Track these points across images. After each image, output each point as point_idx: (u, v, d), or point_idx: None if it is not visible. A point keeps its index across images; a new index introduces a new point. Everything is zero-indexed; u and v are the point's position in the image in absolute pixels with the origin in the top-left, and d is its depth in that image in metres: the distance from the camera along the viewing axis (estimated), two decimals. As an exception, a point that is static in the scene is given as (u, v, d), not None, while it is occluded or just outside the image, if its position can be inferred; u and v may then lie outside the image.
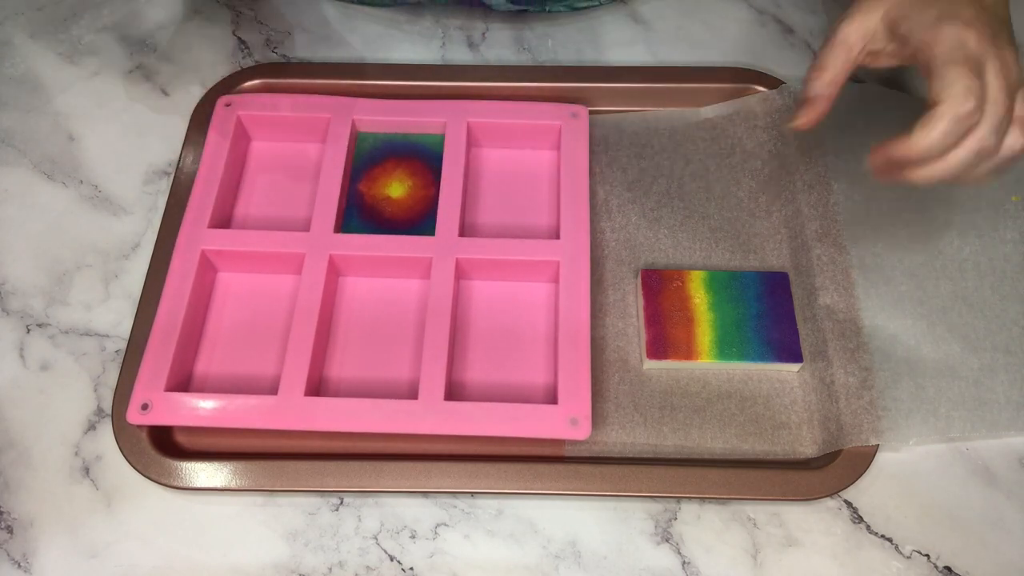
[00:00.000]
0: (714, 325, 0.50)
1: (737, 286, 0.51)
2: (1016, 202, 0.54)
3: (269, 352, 0.51)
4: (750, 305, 0.51)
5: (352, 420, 0.47)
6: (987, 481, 0.48)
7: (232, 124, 0.56)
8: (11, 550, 0.46)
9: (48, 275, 0.55)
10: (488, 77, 0.61)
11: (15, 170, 0.59)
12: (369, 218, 0.55)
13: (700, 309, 0.50)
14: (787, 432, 0.48)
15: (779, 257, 0.54)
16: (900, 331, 0.51)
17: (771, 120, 0.58)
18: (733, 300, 0.51)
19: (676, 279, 0.51)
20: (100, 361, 0.52)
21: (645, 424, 0.48)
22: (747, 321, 0.50)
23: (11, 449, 0.49)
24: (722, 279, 0.51)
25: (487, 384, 0.50)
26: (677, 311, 0.50)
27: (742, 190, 0.56)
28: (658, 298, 0.50)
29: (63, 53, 0.64)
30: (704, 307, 0.50)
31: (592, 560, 0.46)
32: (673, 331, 0.50)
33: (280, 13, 0.66)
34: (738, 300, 0.51)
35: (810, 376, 0.50)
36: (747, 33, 0.65)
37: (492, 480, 0.47)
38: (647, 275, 0.51)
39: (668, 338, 0.49)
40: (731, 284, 0.51)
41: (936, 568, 0.46)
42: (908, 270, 0.53)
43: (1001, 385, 0.49)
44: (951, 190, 0.55)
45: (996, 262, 0.53)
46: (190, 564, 0.46)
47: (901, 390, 0.49)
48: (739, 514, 0.47)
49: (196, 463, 0.47)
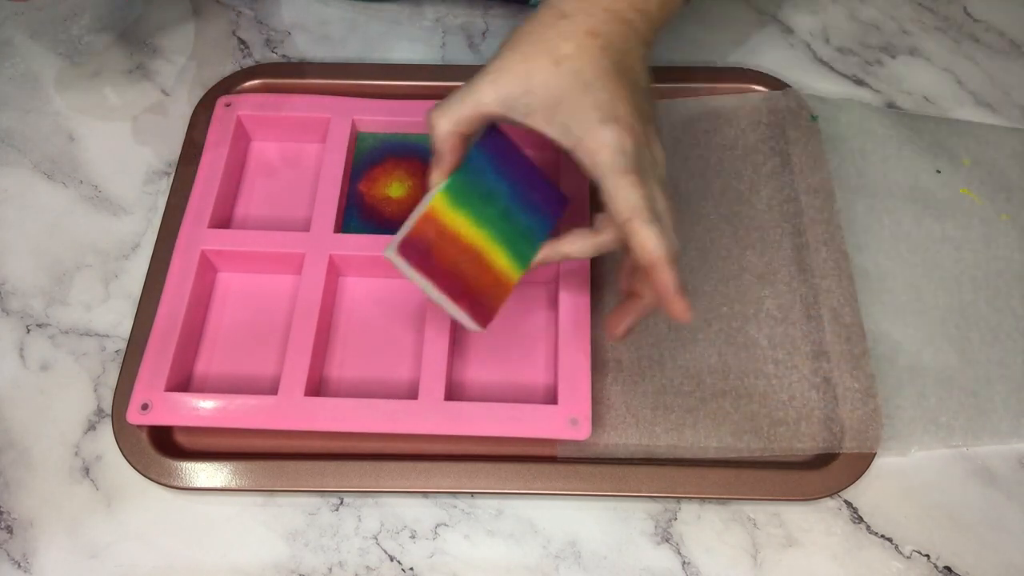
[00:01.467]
0: (494, 239, 0.43)
1: (475, 179, 0.44)
2: (1005, 220, 0.56)
3: (269, 352, 0.51)
4: (499, 186, 0.44)
5: (352, 420, 0.47)
6: (987, 481, 0.48)
7: (232, 124, 0.56)
8: (11, 550, 0.46)
9: (48, 275, 0.55)
10: (488, 77, 0.61)
11: (15, 170, 0.59)
12: (369, 218, 0.55)
13: (472, 236, 0.43)
14: (785, 428, 0.48)
15: (779, 251, 0.54)
16: (902, 339, 0.51)
17: (775, 119, 0.58)
18: (484, 196, 0.44)
19: (432, 226, 0.42)
20: (100, 361, 0.52)
21: (637, 425, 0.48)
22: (510, 208, 0.44)
23: (11, 449, 0.49)
24: (459, 184, 0.43)
25: (487, 384, 0.50)
26: (462, 258, 0.43)
27: (743, 183, 0.56)
28: (434, 262, 0.42)
29: (63, 53, 0.64)
30: (473, 230, 0.43)
31: (592, 560, 0.46)
32: (478, 284, 0.43)
33: (280, 13, 0.66)
34: (488, 194, 0.44)
35: (810, 373, 0.50)
36: (747, 33, 0.65)
37: (492, 480, 0.47)
38: (406, 247, 0.42)
39: (482, 295, 0.43)
40: (470, 182, 0.44)
41: (936, 568, 0.46)
42: (908, 281, 0.53)
43: (999, 395, 0.50)
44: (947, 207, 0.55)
45: (990, 277, 0.54)
46: (190, 564, 0.46)
47: (904, 398, 0.49)
48: (739, 514, 0.47)
49: (196, 463, 0.47)
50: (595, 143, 0.39)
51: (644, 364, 0.50)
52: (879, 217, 0.55)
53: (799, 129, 0.58)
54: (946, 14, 0.67)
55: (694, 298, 0.52)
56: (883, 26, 0.66)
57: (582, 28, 0.41)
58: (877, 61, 0.64)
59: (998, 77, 0.63)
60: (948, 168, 0.58)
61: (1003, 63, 0.64)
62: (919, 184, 0.57)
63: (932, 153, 0.58)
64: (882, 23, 0.66)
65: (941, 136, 0.59)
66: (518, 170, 0.46)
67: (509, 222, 0.44)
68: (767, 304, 0.52)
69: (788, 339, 0.51)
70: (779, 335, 0.51)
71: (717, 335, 0.51)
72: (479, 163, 0.44)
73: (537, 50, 0.41)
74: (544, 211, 0.46)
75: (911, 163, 0.58)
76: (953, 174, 0.57)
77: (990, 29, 0.66)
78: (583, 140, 0.39)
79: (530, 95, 0.40)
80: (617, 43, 0.41)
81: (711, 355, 0.50)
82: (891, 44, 0.65)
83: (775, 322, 0.51)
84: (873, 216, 0.55)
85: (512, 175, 0.45)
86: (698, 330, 0.51)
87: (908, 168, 0.57)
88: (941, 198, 0.56)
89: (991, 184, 0.57)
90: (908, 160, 0.58)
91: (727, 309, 0.52)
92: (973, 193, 0.56)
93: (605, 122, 0.39)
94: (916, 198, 0.56)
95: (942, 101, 0.62)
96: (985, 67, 0.64)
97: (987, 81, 0.63)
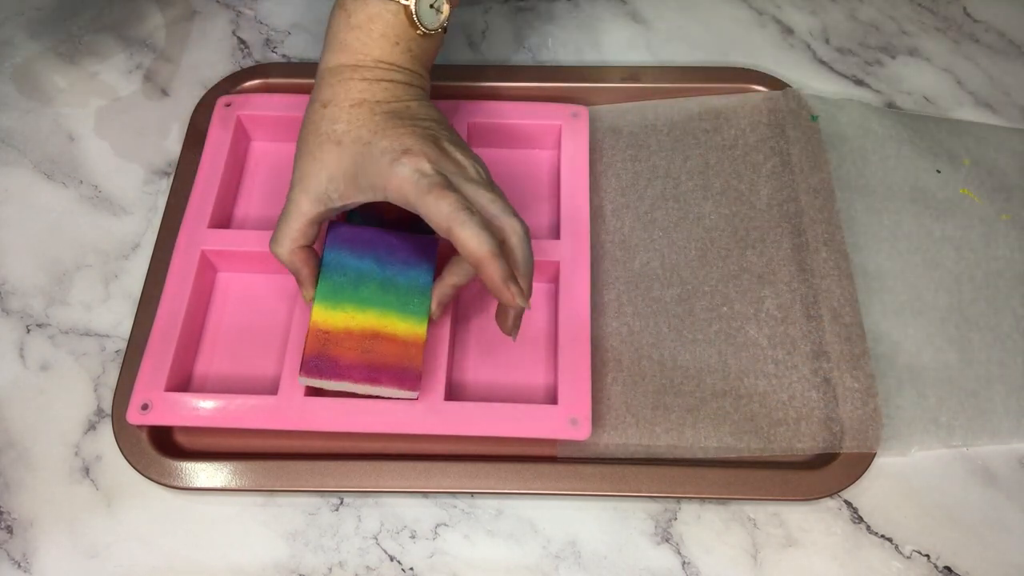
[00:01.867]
0: (384, 312, 0.46)
1: (338, 274, 0.47)
2: (1005, 220, 0.55)
3: (269, 352, 0.51)
4: (364, 265, 0.47)
5: (352, 420, 0.46)
6: (987, 481, 0.48)
7: (232, 124, 0.56)
8: (11, 550, 0.46)
9: (48, 275, 0.55)
10: (488, 77, 0.61)
11: (15, 170, 0.59)
12: (369, 218, 0.55)
13: (362, 321, 0.46)
14: (785, 428, 0.48)
15: (779, 251, 0.54)
16: (902, 339, 0.51)
17: (775, 118, 0.58)
18: (354, 283, 0.47)
19: (321, 336, 0.45)
20: (100, 361, 0.52)
21: (637, 425, 0.48)
22: (384, 278, 0.47)
23: (11, 449, 0.49)
24: (327, 287, 0.47)
25: (487, 384, 0.50)
26: (364, 346, 0.45)
27: (743, 183, 0.56)
28: (341, 364, 0.45)
29: (63, 53, 0.64)
30: (360, 316, 0.46)
31: (592, 560, 0.46)
32: (389, 359, 0.45)
33: (280, 13, 0.66)
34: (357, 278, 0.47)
35: (811, 373, 0.50)
36: (747, 33, 0.65)
37: (492, 480, 0.47)
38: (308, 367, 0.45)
39: (399, 366, 0.45)
40: (335, 279, 0.47)
41: (936, 568, 0.46)
42: (908, 281, 0.53)
43: (999, 395, 0.50)
44: (947, 207, 0.56)
45: (990, 277, 0.54)
46: (190, 564, 0.46)
47: (904, 398, 0.49)
48: (739, 514, 0.47)
49: (196, 463, 0.47)
50: (395, 181, 0.42)
51: (644, 364, 0.50)
52: (879, 217, 0.55)
53: (799, 129, 0.58)
54: (946, 14, 0.67)
55: (694, 298, 0.52)
56: (883, 26, 0.66)
57: (345, 105, 0.45)
58: (877, 61, 0.64)
59: (998, 77, 0.63)
60: (948, 168, 0.58)
61: (1003, 63, 0.64)
62: (919, 184, 0.57)
63: (932, 153, 0.58)
64: (882, 23, 0.66)
65: (941, 136, 0.59)
66: (375, 242, 0.48)
67: (390, 290, 0.47)
68: (767, 304, 0.52)
69: (788, 339, 0.51)
70: (779, 335, 0.51)
71: (717, 335, 0.51)
72: (335, 258, 0.48)
73: (320, 142, 0.45)
74: (418, 261, 0.48)
75: (911, 163, 0.58)
76: (953, 174, 0.57)
77: (990, 29, 0.66)
78: (387, 186, 0.42)
79: (334, 180, 0.45)
80: (383, 98, 0.45)
81: (711, 355, 0.50)
82: (891, 44, 0.65)
83: (775, 322, 0.51)
84: (873, 216, 0.55)
85: (371, 250, 0.48)
86: (698, 330, 0.51)
87: (908, 168, 0.57)
88: (941, 198, 0.56)
89: (991, 184, 0.57)
90: (908, 160, 0.58)
91: (727, 309, 0.52)
92: (973, 193, 0.57)
93: (394, 161, 0.42)
94: (916, 198, 0.56)
95: (942, 101, 0.62)
96: (985, 67, 0.64)
97: (987, 81, 0.63)
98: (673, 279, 0.53)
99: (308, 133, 0.46)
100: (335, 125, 0.45)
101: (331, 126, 0.45)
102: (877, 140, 0.58)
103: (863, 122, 0.59)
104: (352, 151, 0.44)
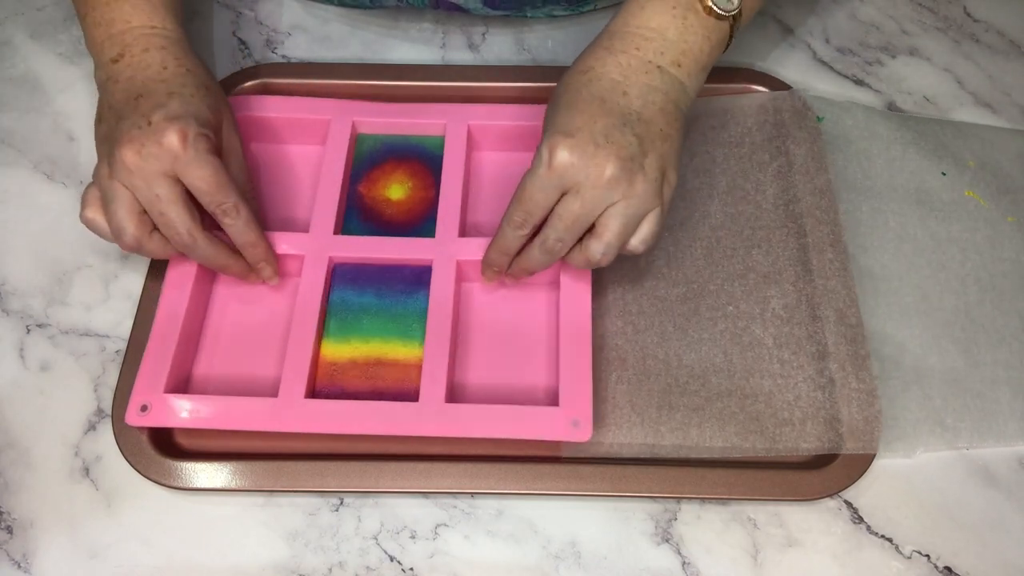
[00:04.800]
0: (385, 340, 0.50)
1: (343, 311, 0.51)
2: (1011, 222, 0.55)
3: (269, 354, 0.51)
4: (364, 300, 0.51)
5: (353, 422, 0.46)
6: (987, 481, 0.48)
7: (232, 124, 0.56)
8: (11, 550, 0.46)
9: (48, 275, 0.55)
10: (488, 78, 0.61)
11: (15, 170, 0.59)
12: (369, 220, 0.55)
13: (365, 351, 0.50)
14: (790, 429, 0.48)
15: (785, 251, 0.54)
16: (908, 341, 0.51)
17: (781, 118, 0.58)
18: (357, 316, 0.51)
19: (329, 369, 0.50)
20: (100, 361, 0.52)
21: (643, 424, 0.48)
22: (382, 309, 0.51)
23: (11, 449, 0.49)
24: (334, 324, 0.51)
25: (488, 386, 0.50)
26: (368, 373, 0.49)
27: (749, 182, 0.56)
28: (349, 391, 0.49)
29: (63, 53, 0.64)
30: (364, 346, 0.50)
31: (592, 560, 0.46)
32: (391, 381, 0.49)
33: (280, 13, 0.66)
34: (360, 312, 0.51)
35: (816, 373, 0.50)
36: (747, 33, 0.65)
37: (492, 480, 0.47)
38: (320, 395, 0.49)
39: (400, 387, 0.49)
40: (341, 316, 0.51)
41: (936, 568, 0.46)
42: (913, 283, 0.53)
43: (1005, 397, 0.50)
44: (952, 209, 0.55)
45: (996, 279, 0.54)
46: (190, 564, 0.46)
47: (909, 400, 0.49)
48: (739, 514, 0.47)
49: (196, 463, 0.47)
50: (543, 149, 0.45)
51: (649, 363, 0.50)
52: (884, 219, 0.55)
53: (804, 130, 0.58)
54: (946, 14, 0.67)
55: (700, 297, 0.52)
56: (883, 26, 0.66)
57: (580, 66, 0.48)
58: (877, 61, 0.64)
59: (998, 77, 0.63)
60: (953, 170, 0.57)
61: (1003, 63, 0.64)
62: (924, 186, 0.57)
63: (937, 155, 0.58)
64: (882, 23, 0.66)
65: (945, 139, 0.59)
66: (374, 279, 0.52)
67: (389, 319, 0.51)
68: (773, 304, 0.52)
69: (793, 339, 0.51)
70: (785, 335, 0.51)
71: (723, 334, 0.51)
72: (341, 296, 0.52)
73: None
74: (414, 289, 0.52)
75: (916, 165, 0.58)
76: (958, 176, 0.57)
77: (990, 29, 0.66)
78: (540, 149, 0.45)
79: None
80: (614, 75, 0.46)
81: (716, 354, 0.50)
82: (891, 44, 0.65)
83: (781, 322, 0.51)
84: (879, 218, 0.55)
85: (371, 285, 0.52)
86: (704, 329, 0.51)
87: (913, 170, 0.57)
88: (946, 200, 0.56)
89: (996, 186, 0.57)
90: (913, 162, 0.58)
91: (733, 308, 0.52)
92: (978, 195, 0.56)
93: (552, 135, 0.44)
94: (921, 200, 0.56)
95: (942, 101, 0.62)
96: (985, 67, 0.64)
97: (987, 81, 0.63)
98: (678, 278, 0.53)
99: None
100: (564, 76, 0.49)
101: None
102: (882, 142, 0.58)
103: (867, 124, 0.59)
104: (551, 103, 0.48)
